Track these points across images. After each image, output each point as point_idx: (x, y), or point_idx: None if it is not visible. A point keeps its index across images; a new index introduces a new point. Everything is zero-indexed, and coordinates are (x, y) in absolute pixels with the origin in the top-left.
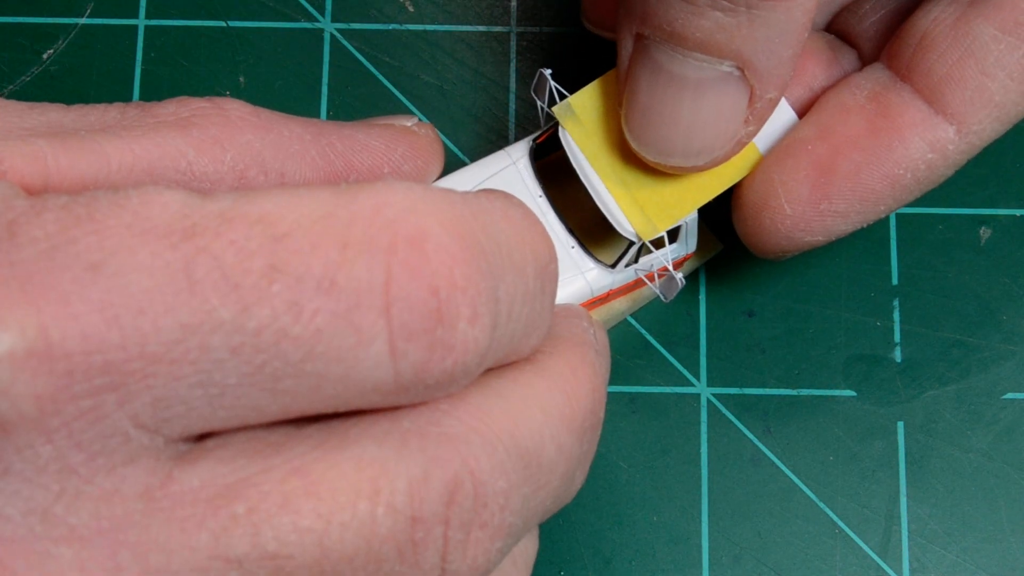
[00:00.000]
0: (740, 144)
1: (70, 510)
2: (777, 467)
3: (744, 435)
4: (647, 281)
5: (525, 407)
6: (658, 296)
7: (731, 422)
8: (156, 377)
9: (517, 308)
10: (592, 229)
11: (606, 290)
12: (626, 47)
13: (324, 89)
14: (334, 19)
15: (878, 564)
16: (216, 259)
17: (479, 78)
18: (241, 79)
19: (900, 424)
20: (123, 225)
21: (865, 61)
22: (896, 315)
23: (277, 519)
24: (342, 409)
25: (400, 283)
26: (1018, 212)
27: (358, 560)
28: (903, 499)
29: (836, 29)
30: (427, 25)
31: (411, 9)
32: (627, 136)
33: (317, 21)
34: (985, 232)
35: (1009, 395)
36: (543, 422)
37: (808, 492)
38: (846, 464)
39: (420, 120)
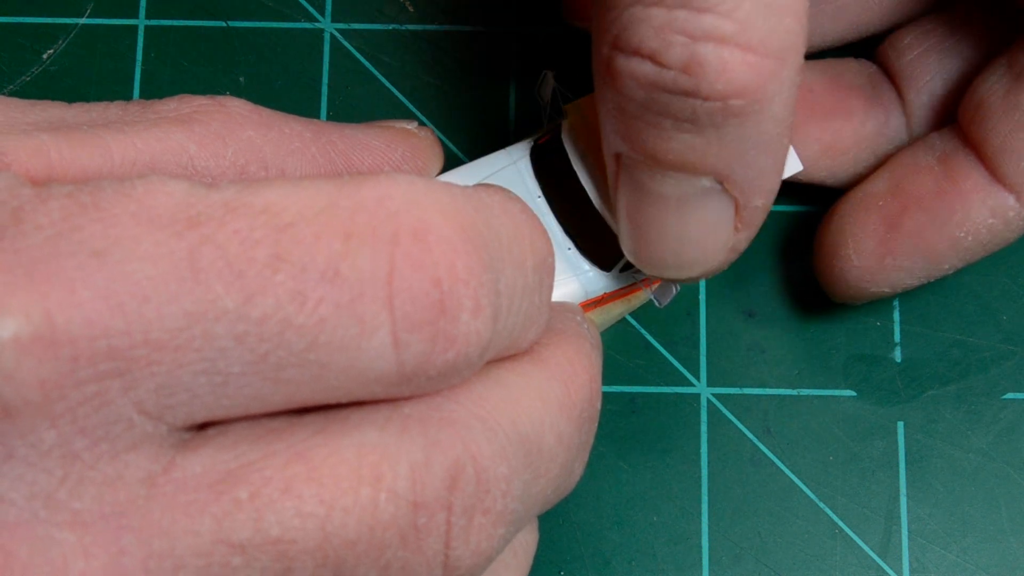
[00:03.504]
0: (735, 251)
1: (73, 495)
2: (777, 467)
3: (744, 435)
4: (642, 286)
5: (525, 395)
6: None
7: (731, 422)
8: (160, 364)
9: (517, 301)
10: (590, 232)
11: (601, 292)
12: (610, 167)
13: (324, 89)
14: (334, 19)
15: (878, 564)
16: (220, 248)
17: (479, 78)
18: (241, 79)
19: (900, 424)
20: (128, 213)
21: (903, 98)
22: (896, 315)
23: (280, 504)
24: (344, 400)
25: (403, 274)
26: None
27: (360, 545)
28: (903, 499)
29: (879, 62)
30: (427, 25)
31: (411, 9)
32: (623, 251)
33: (317, 21)
34: None
35: (1009, 395)
36: (543, 410)
37: (808, 492)
38: (846, 464)
39: (420, 124)
